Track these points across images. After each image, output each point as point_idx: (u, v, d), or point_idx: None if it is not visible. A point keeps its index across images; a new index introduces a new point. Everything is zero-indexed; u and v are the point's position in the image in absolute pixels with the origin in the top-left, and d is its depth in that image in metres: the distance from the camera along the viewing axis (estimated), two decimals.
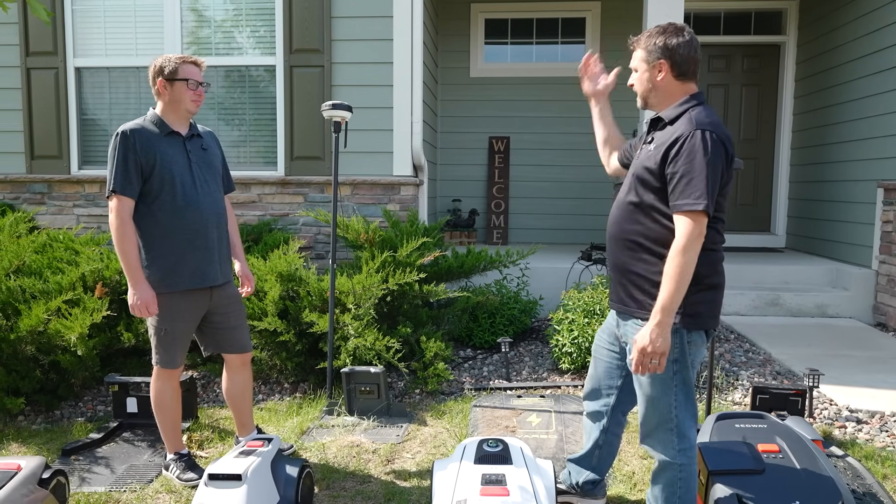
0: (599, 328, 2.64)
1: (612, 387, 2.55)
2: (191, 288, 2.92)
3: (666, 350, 2.10)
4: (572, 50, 7.40)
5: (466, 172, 7.54)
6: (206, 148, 3.05)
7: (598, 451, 2.65)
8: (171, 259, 2.87)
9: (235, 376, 3.17)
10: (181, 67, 2.89)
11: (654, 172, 2.18)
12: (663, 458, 2.29)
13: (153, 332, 2.95)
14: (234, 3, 5.57)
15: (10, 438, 3.60)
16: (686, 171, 2.09)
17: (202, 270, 2.94)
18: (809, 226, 6.83)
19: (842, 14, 6.26)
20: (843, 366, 4.29)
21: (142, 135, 2.83)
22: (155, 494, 2.97)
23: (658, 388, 2.24)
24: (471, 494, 2.38)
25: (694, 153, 2.08)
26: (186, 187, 2.89)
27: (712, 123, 2.14)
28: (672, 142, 2.14)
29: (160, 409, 3.06)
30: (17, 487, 2.54)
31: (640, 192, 2.24)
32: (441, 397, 4.09)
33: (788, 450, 2.65)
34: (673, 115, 2.22)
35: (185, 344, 3.01)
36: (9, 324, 3.81)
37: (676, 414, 2.24)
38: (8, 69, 5.68)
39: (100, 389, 4.20)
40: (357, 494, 2.93)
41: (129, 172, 2.79)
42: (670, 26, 2.24)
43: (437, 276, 4.74)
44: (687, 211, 2.07)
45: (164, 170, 2.84)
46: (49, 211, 5.77)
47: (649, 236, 2.22)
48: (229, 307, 3.08)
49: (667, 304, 2.08)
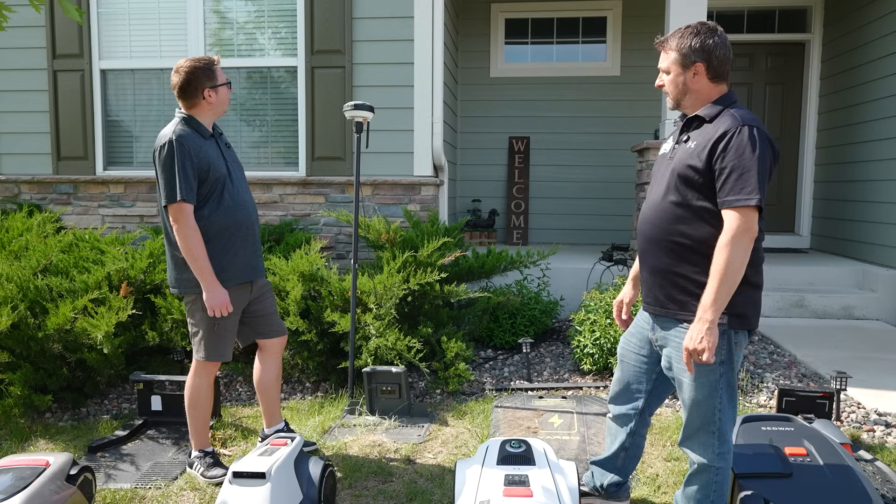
0: (626, 331, 2.61)
1: (641, 391, 2.52)
2: (243, 282, 3.03)
3: (713, 347, 2.05)
4: (593, 49, 7.36)
5: (486, 172, 7.53)
6: (229, 146, 3.15)
7: (623, 454, 2.62)
8: (227, 256, 2.96)
9: (270, 364, 3.26)
10: (219, 71, 2.97)
11: (699, 170, 2.13)
12: (702, 460, 2.25)
13: (203, 327, 2.99)
14: (256, 4, 5.62)
15: (37, 435, 3.66)
16: (735, 165, 2.05)
17: (252, 264, 3.07)
18: (835, 226, 6.73)
19: (868, 11, 6.16)
20: (870, 368, 4.21)
21: (192, 140, 2.89)
22: (179, 492, 3.00)
23: (705, 391, 2.20)
24: (494, 495, 2.37)
25: (743, 148, 2.05)
26: (232, 187, 2.99)
27: (755, 120, 2.12)
28: (719, 137, 2.10)
29: (194, 405, 3.11)
30: (46, 483, 2.58)
31: (683, 191, 2.18)
32: (462, 398, 4.09)
33: (816, 453, 2.62)
34: (713, 112, 2.19)
35: (234, 336, 3.11)
36: (36, 322, 3.87)
37: (720, 417, 2.21)
38: (35, 72, 5.77)
39: (125, 387, 4.25)
40: (379, 494, 2.94)
41: (189, 179, 2.84)
42: (703, 26, 2.19)
43: (458, 277, 4.74)
44: (739, 206, 2.04)
45: (214, 172, 2.92)
46: (74, 211, 5.85)
47: (694, 236, 2.17)
48: (265, 295, 3.22)
49: (714, 300, 2.04)
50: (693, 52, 2.18)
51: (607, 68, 7.30)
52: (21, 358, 3.81)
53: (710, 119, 2.18)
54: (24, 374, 3.72)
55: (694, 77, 2.20)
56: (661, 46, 2.28)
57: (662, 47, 2.27)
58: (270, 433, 3.34)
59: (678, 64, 2.21)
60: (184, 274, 2.95)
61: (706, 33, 2.18)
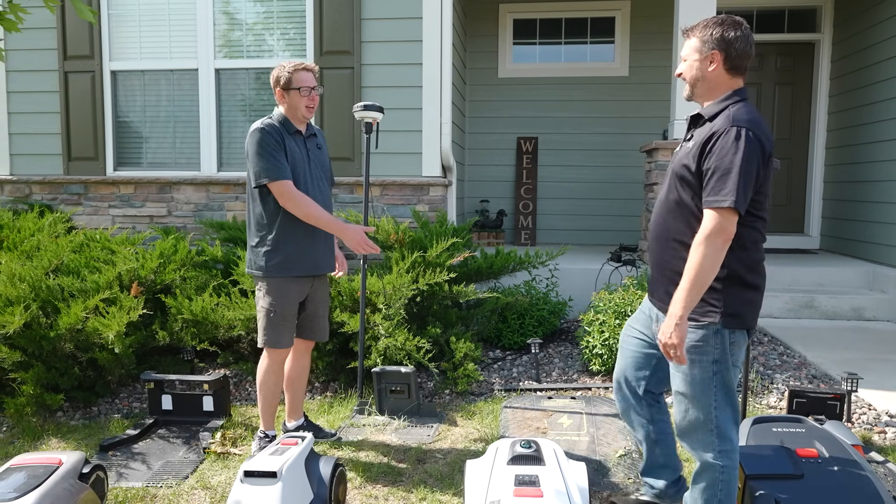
0: (630, 319, 2.62)
1: (641, 377, 2.54)
2: (303, 275, 3.16)
3: (680, 342, 2.09)
4: (601, 50, 7.35)
5: (494, 173, 7.53)
6: (321, 147, 3.29)
7: (656, 449, 2.62)
8: (292, 247, 3.10)
9: (301, 359, 3.40)
10: (294, 76, 3.10)
11: (691, 169, 2.17)
12: (705, 458, 2.26)
13: (263, 314, 3.16)
14: (265, 6, 5.64)
15: (49, 433, 3.68)
16: (717, 167, 2.08)
17: (315, 260, 3.19)
18: (845, 227, 6.69)
19: (879, 11, 6.13)
20: (881, 370, 4.19)
21: (276, 129, 3.07)
22: (191, 490, 3.01)
23: (697, 388, 2.22)
24: (504, 495, 2.37)
25: (727, 150, 2.06)
26: (306, 184, 3.13)
27: (750, 121, 2.11)
28: (708, 138, 2.13)
29: (261, 387, 3.26)
30: (59, 482, 2.60)
31: (680, 189, 2.23)
32: (471, 398, 4.09)
33: (828, 454, 2.61)
34: (713, 111, 2.21)
35: (292, 326, 3.21)
36: (48, 322, 3.90)
37: (717, 415, 2.22)
38: (46, 73, 5.82)
39: (135, 387, 4.28)
40: (389, 493, 2.94)
41: (277, 160, 3.01)
42: (728, 19, 2.22)
43: (467, 277, 4.74)
44: (715, 207, 2.06)
45: (292, 168, 3.07)
46: (85, 211, 5.89)
47: (689, 234, 2.19)
48: (321, 297, 3.35)
49: (683, 297, 2.08)
50: (713, 40, 2.20)
51: (616, 68, 7.29)
52: (33, 357, 3.83)
53: (710, 118, 2.21)
54: (36, 373, 3.74)
55: (711, 65, 2.22)
56: (687, 34, 2.30)
57: (687, 35, 2.29)
58: (292, 427, 3.45)
59: (697, 50, 2.24)
60: (252, 256, 3.16)
61: (730, 25, 2.20)
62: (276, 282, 3.12)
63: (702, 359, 2.19)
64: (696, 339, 2.19)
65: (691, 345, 2.19)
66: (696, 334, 2.19)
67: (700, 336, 2.19)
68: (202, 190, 5.74)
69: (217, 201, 5.74)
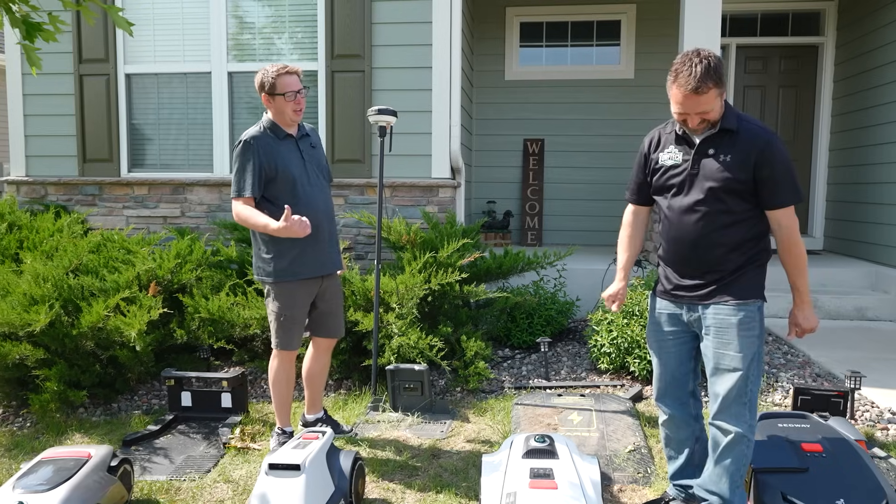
0: (651, 328, 2.67)
1: (687, 372, 2.63)
2: (310, 277, 3.22)
3: (817, 322, 2.51)
4: (607, 52, 7.43)
5: (501, 174, 7.62)
6: (315, 146, 3.32)
7: (697, 446, 2.67)
8: (295, 251, 3.15)
9: (321, 357, 3.50)
10: (279, 81, 3.13)
11: (741, 180, 2.35)
12: (737, 429, 2.38)
13: (273, 317, 3.24)
14: (277, 10, 5.73)
15: (73, 429, 3.78)
16: (783, 171, 2.35)
17: (320, 261, 3.25)
18: (848, 228, 6.77)
19: (882, 15, 6.20)
20: (884, 369, 4.28)
21: (262, 141, 3.11)
22: (213, 483, 3.11)
23: (746, 362, 2.37)
24: (520, 487, 2.47)
25: (784, 155, 2.35)
26: (304, 186, 3.17)
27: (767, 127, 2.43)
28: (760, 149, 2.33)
29: (273, 386, 3.35)
30: (90, 474, 2.70)
31: (725, 198, 2.38)
32: (482, 395, 4.18)
33: (832, 449, 2.69)
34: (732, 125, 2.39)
35: (301, 328, 3.30)
36: (70, 320, 4.00)
37: (751, 388, 2.39)
38: (62, 76, 5.91)
39: (153, 384, 4.38)
40: (407, 487, 3.03)
41: (244, 177, 3.09)
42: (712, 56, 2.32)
43: (477, 277, 4.83)
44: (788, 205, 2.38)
45: (285, 172, 3.12)
46: (100, 212, 5.98)
47: (735, 236, 2.41)
48: (334, 295, 3.41)
49: (804, 285, 2.47)
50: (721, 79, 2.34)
51: (621, 71, 7.37)
52: (56, 355, 3.93)
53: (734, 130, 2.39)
54: (59, 370, 3.84)
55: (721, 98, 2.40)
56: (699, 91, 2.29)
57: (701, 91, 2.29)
58: (311, 419, 3.54)
59: (718, 95, 2.35)
60: (258, 263, 3.23)
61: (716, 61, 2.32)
62: (284, 286, 3.18)
63: (750, 334, 2.38)
64: (745, 316, 2.38)
65: (743, 322, 2.38)
66: (745, 312, 2.39)
67: (748, 313, 2.39)
68: (215, 191, 5.83)
69: (230, 202, 5.78)
